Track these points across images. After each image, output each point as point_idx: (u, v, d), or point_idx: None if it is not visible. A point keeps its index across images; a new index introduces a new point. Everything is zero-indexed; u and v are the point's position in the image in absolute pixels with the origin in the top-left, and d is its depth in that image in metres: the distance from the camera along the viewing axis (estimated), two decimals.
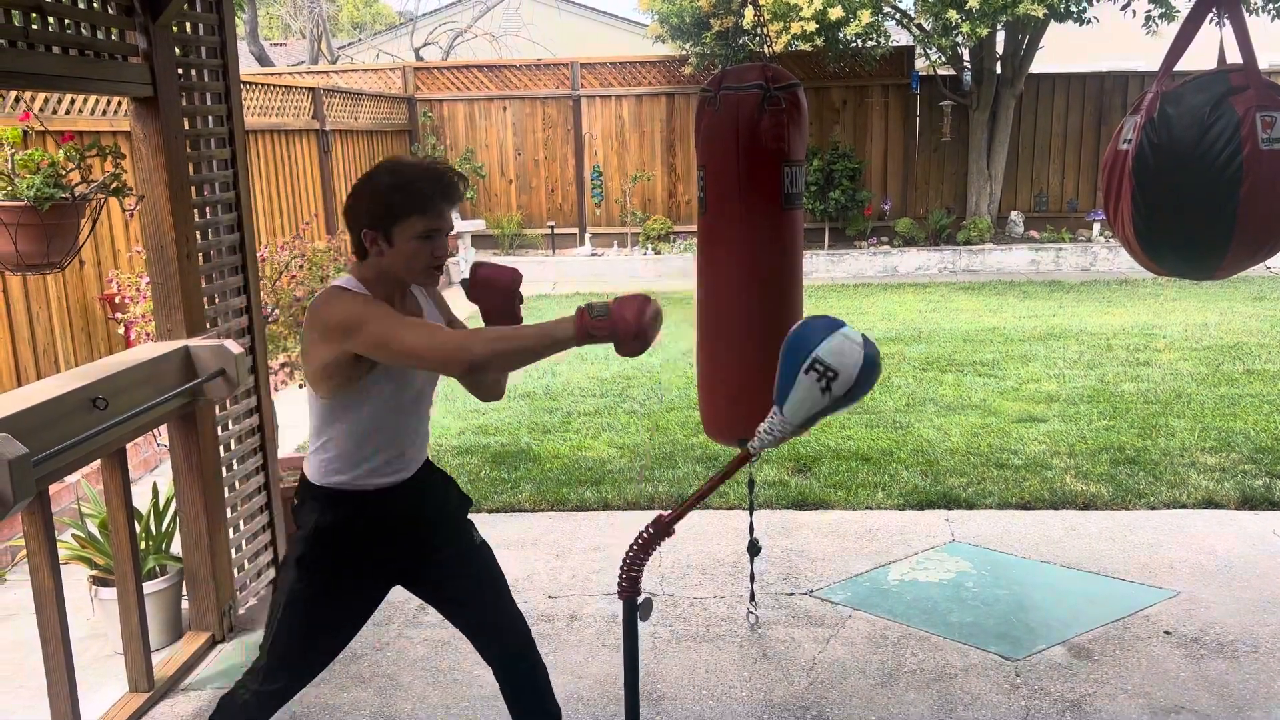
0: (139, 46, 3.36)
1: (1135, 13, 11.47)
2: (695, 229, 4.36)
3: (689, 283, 5.54)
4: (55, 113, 5.39)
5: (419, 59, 18.55)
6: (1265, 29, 10.22)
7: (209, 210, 3.76)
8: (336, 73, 14.12)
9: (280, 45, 24.19)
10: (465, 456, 5.70)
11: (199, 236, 3.66)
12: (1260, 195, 2.99)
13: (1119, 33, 12.82)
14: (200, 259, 3.65)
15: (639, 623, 2.44)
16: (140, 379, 3.18)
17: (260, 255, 4.90)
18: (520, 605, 3.98)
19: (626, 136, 13.36)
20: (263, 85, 9.07)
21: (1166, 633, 3.67)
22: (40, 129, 4.56)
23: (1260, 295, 10.13)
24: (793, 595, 4.04)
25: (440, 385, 2.68)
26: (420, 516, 2.46)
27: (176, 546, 3.77)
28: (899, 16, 12.23)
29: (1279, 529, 4.53)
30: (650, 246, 12.88)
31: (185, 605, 3.80)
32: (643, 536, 2.39)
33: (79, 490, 4.50)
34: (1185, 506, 4.79)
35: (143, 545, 3.69)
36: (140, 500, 3.69)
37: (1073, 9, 10.92)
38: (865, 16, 11.14)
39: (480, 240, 13.00)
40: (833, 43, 11.83)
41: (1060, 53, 14.29)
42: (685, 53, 12.69)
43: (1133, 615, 3.80)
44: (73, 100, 5.52)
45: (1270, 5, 10.96)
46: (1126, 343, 8.14)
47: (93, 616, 3.80)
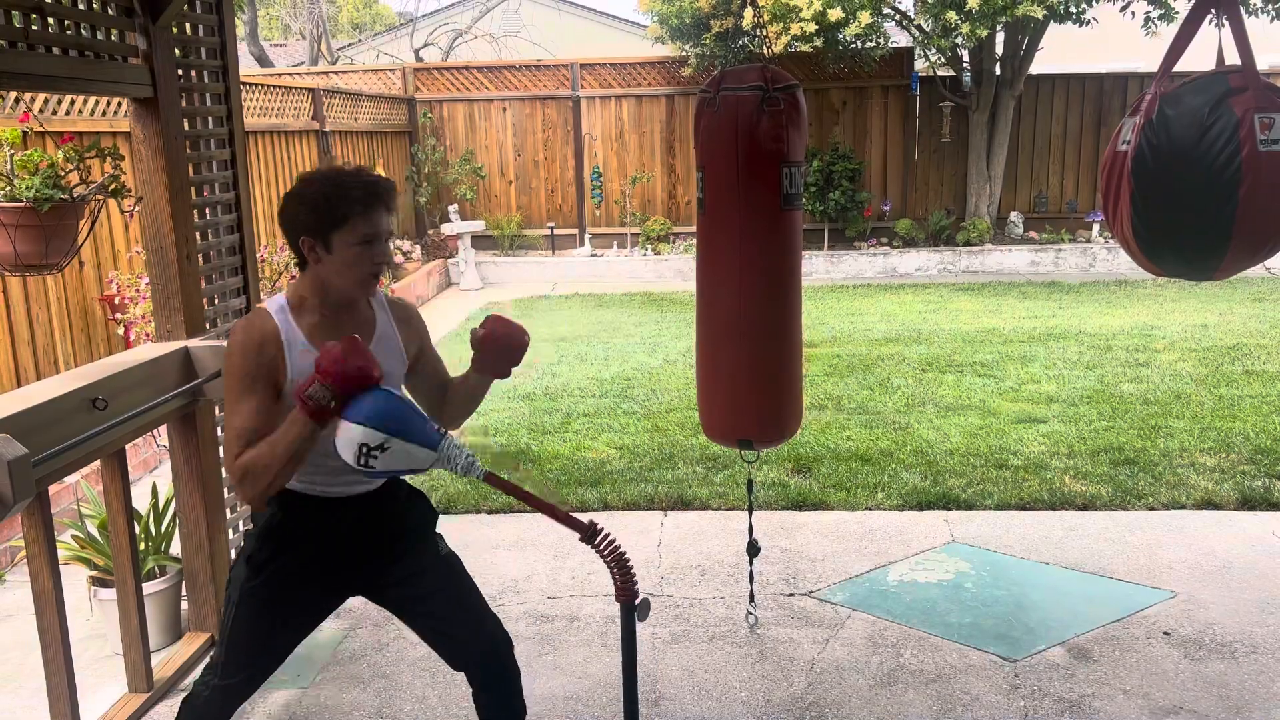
0: (139, 47, 3.36)
1: (1134, 14, 11.48)
2: (694, 230, 4.37)
3: (688, 283, 5.51)
4: (55, 113, 5.39)
5: (419, 60, 18.55)
6: (1264, 30, 10.24)
7: (209, 211, 3.76)
8: (336, 73, 14.13)
9: (280, 46, 24.20)
10: None
11: (199, 237, 3.66)
12: (1259, 196, 3.00)
13: (1118, 34, 12.83)
14: (200, 260, 3.65)
15: (638, 623, 2.44)
16: (140, 380, 3.18)
17: (260, 256, 4.91)
18: (519, 606, 4.01)
19: (626, 137, 13.37)
20: (263, 86, 9.07)
21: (1166, 633, 3.67)
22: (40, 130, 4.56)
23: (1260, 296, 10.14)
24: (792, 596, 4.04)
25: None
26: (376, 529, 2.43)
27: (176, 547, 3.77)
28: (898, 18, 12.23)
29: (1278, 530, 4.53)
30: (650, 247, 12.89)
31: (185, 606, 3.80)
32: (608, 547, 2.30)
33: (78, 491, 4.50)
34: (1184, 507, 4.79)
35: (142, 546, 3.70)
36: (140, 501, 3.69)
37: (1072, 10, 10.93)
38: (865, 18, 11.15)
39: (480, 241, 13.01)
40: (832, 44, 11.84)
41: (1060, 54, 14.30)
42: (685, 54, 12.70)
43: (1132, 616, 3.80)
44: (72, 101, 5.53)
45: (1269, 6, 10.97)
46: (1126, 343, 8.14)
47: (92, 617, 3.81)
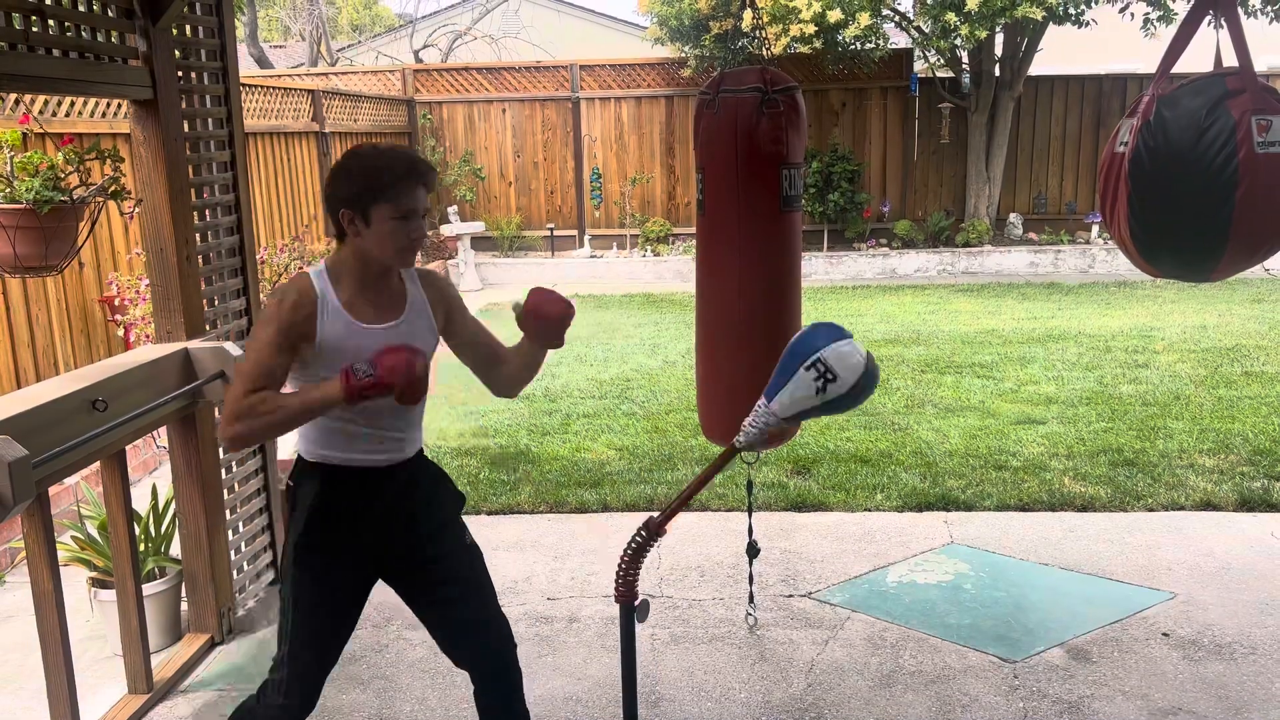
0: (139, 49, 3.36)
1: (1133, 15, 11.49)
2: (694, 231, 4.37)
3: (688, 285, 5.51)
4: (55, 115, 5.39)
5: (418, 61, 18.55)
6: (1263, 31, 10.25)
7: (209, 212, 3.76)
8: (336, 75, 14.14)
9: (280, 48, 24.20)
10: (464, 458, 5.71)
11: (199, 239, 3.66)
12: (1256, 198, 3.00)
13: (1117, 35, 12.84)
14: (200, 261, 3.65)
15: (637, 624, 2.45)
16: (140, 381, 3.18)
17: (260, 257, 4.91)
18: (519, 607, 4.01)
19: (626, 138, 13.37)
20: (262, 87, 9.08)
21: (1165, 634, 3.67)
22: (40, 132, 4.57)
23: (1259, 297, 10.14)
24: (791, 597, 4.04)
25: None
26: (412, 501, 2.47)
27: (176, 548, 3.77)
28: (898, 19, 12.24)
29: (1277, 531, 4.53)
30: (649, 248, 12.89)
31: (184, 607, 3.80)
32: (636, 540, 2.39)
33: (78, 492, 4.50)
34: (1183, 508, 4.80)
35: (142, 547, 3.70)
36: (140, 502, 3.70)
37: (1071, 12, 10.94)
38: (864, 19, 11.16)
39: (480, 242, 13.01)
40: (831, 45, 11.84)
41: (1059, 55, 14.30)
42: (684, 55, 12.71)
43: (1131, 617, 3.81)
44: (72, 103, 5.53)
45: (1268, 7, 10.97)
46: (1125, 344, 8.15)
47: (92, 618, 3.81)
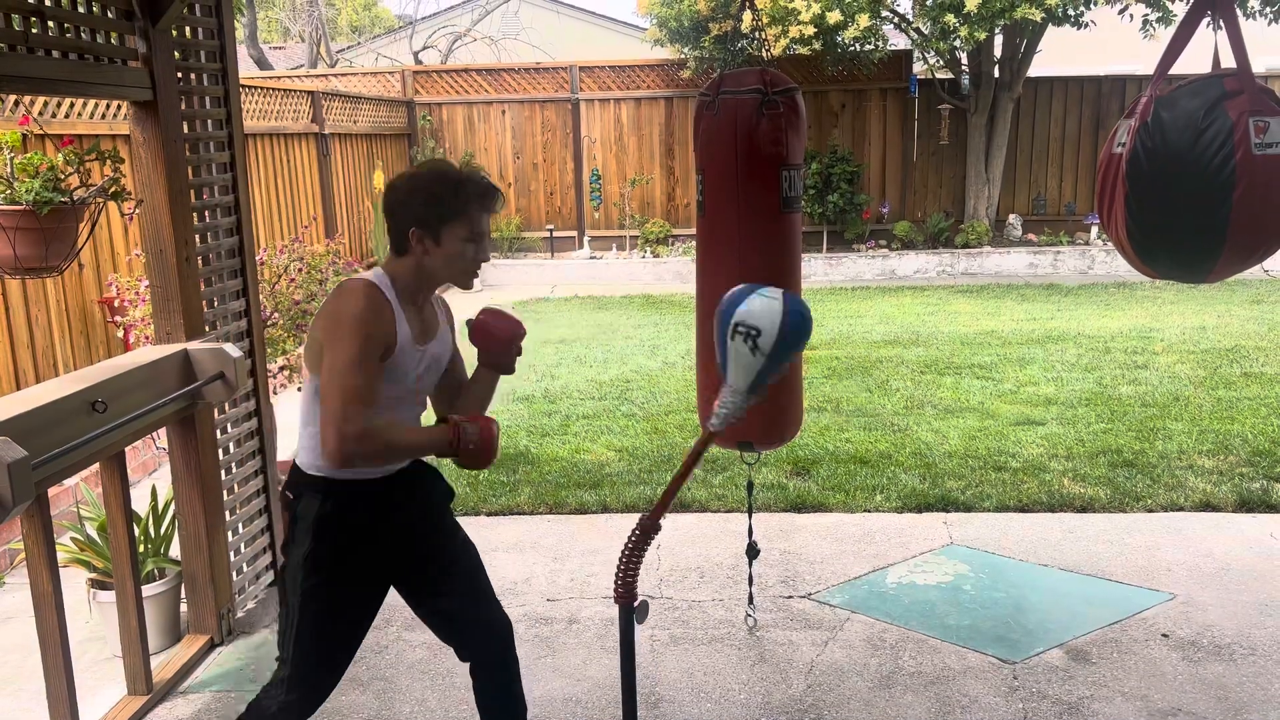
0: (138, 50, 3.37)
1: (1132, 16, 11.50)
2: (694, 232, 4.38)
3: (687, 286, 5.50)
4: (54, 116, 5.39)
5: (418, 62, 18.55)
6: (1261, 33, 10.26)
7: (208, 214, 3.76)
8: (335, 76, 14.15)
9: (279, 49, 24.20)
10: None
11: (198, 240, 3.66)
12: (1253, 200, 3.00)
13: (1116, 37, 12.85)
14: (199, 262, 3.65)
15: (636, 626, 2.45)
16: (139, 382, 3.18)
17: (259, 258, 4.91)
18: (518, 608, 4.01)
19: (625, 140, 13.38)
20: (262, 89, 9.08)
21: (1164, 635, 3.68)
22: (39, 133, 4.57)
23: (1258, 298, 10.15)
24: (791, 598, 4.04)
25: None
26: (411, 506, 2.48)
27: (175, 550, 3.77)
28: (897, 20, 12.26)
29: (1276, 532, 4.53)
30: (649, 250, 12.90)
31: (184, 608, 3.80)
32: (631, 540, 2.40)
33: (78, 493, 4.50)
34: (1183, 509, 4.80)
35: (141, 548, 3.70)
36: (139, 503, 3.70)
37: (1070, 13, 10.95)
38: (863, 20, 11.17)
39: None
40: (831, 46, 11.85)
41: (1058, 57, 14.31)
42: (684, 56, 12.72)
43: (1130, 618, 3.81)
44: (71, 104, 5.53)
45: (1267, 8, 10.98)
46: (1124, 345, 8.15)
47: (91, 619, 3.81)
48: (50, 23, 2.99)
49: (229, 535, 3.82)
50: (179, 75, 3.55)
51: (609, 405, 6.75)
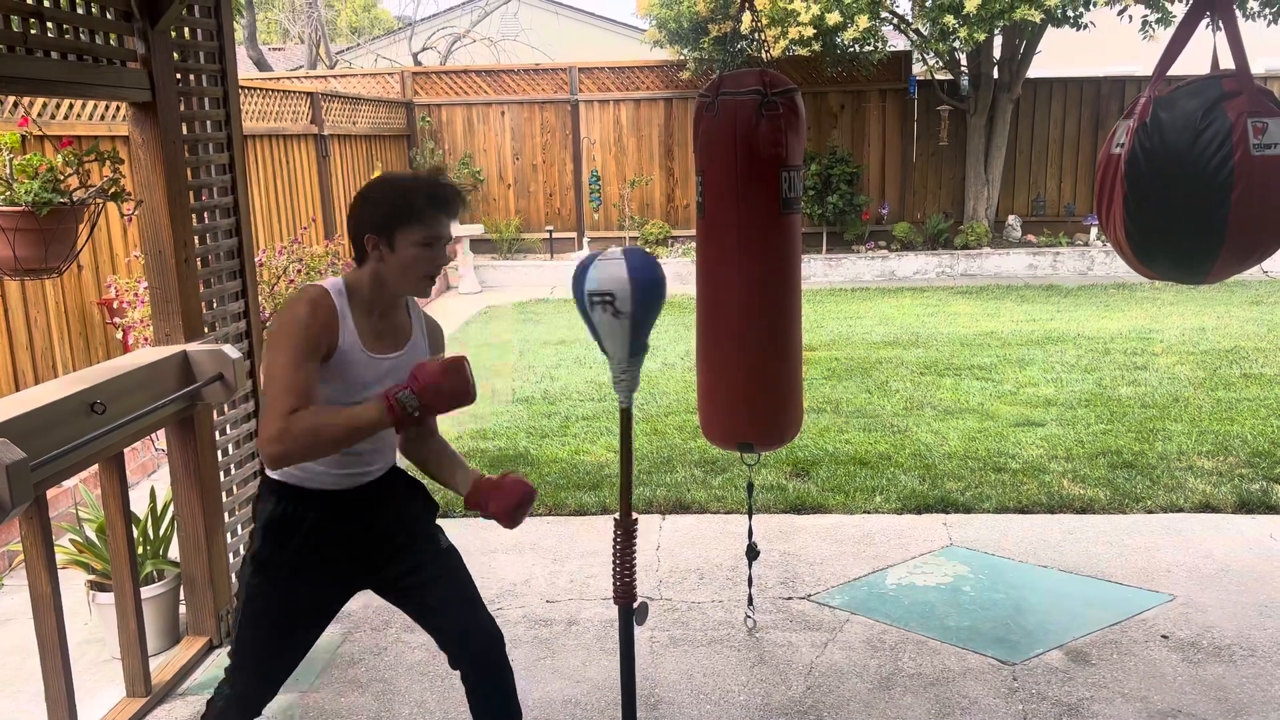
0: (137, 52, 3.37)
1: (1131, 17, 11.50)
2: (693, 233, 4.37)
3: (687, 287, 5.51)
4: (53, 117, 5.39)
5: (417, 64, 18.56)
6: (1260, 34, 10.26)
7: (207, 215, 3.76)
8: (335, 77, 14.14)
9: (279, 50, 24.21)
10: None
11: (197, 241, 3.66)
12: (1251, 201, 3.00)
13: (1116, 38, 12.85)
14: (198, 264, 3.65)
15: (636, 627, 2.45)
16: (138, 383, 3.18)
17: (258, 260, 4.91)
18: (517, 610, 4.01)
19: (625, 141, 13.38)
20: (261, 90, 9.07)
21: (1164, 637, 3.67)
22: (38, 134, 4.57)
23: (1257, 299, 10.15)
24: (790, 599, 4.04)
25: None
26: (376, 520, 2.47)
27: (174, 551, 3.77)
28: (896, 22, 12.26)
29: (1276, 533, 4.53)
30: (648, 251, 12.89)
31: (183, 610, 3.80)
32: (615, 542, 2.41)
33: (77, 495, 4.50)
34: (1182, 510, 4.80)
35: (140, 550, 3.69)
36: (138, 505, 3.70)
37: (1070, 14, 10.95)
38: (863, 21, 11.17)
39: (479, 245, 13.02)
40: (830, 48, 11.86)
41: (1057, 58, 14.32)
42: (683, 58, 12.72)
43: (1130, 619, 3.81)
44: (71, 105, 5.53)
45: (1266, 9, 10.99)
46: (1124, 347, 8.15)
47: (90, 621, 3.80)
48: (49, 24, 2.99)
49: (228, 537, 3.81)
50: (178, 76, 3.55)
51: (608, 406, 6.75)
